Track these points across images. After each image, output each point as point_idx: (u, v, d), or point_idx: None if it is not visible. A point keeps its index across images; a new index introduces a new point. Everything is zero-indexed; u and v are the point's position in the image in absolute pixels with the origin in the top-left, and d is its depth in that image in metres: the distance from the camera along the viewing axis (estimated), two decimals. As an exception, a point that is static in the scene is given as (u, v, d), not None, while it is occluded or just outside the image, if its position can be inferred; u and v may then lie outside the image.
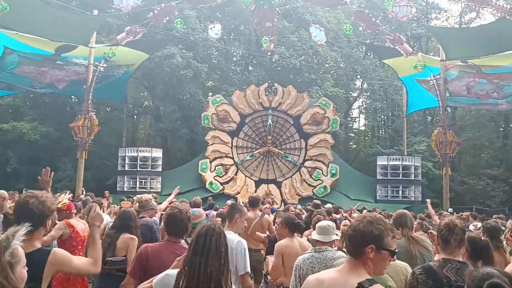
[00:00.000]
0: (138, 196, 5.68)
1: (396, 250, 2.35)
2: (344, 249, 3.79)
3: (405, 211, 4.82)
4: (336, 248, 4.50)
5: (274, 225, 6.88)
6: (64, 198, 6.45)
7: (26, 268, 1.98)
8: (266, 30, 19.49)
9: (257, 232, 6.53)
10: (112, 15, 21.93)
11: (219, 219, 7.23)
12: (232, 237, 4.16)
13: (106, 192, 15.93)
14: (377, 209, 14.75)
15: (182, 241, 3.71)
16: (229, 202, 13.17)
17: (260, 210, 7.39)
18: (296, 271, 3.95)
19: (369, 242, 2.27)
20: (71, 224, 5.68)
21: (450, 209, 16.17)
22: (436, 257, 3.31)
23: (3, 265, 1.75)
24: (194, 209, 5.27)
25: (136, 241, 5.10)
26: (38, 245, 2.75)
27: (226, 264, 2.59)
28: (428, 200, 10.40)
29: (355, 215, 11.11)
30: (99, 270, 3.19)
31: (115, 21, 23.73)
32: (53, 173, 4.42)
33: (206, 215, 8.93)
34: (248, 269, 4.11)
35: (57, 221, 5.62)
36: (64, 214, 5.77)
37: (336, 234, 4.49)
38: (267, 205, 8.80)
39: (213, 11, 29.84)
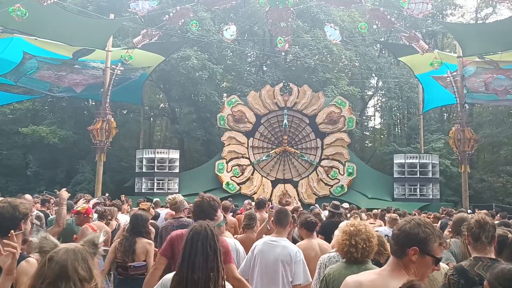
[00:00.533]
0: (170, 197, 5.61)
1: (441, 258, 2.31)
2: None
3: (465, 215, 4.77)
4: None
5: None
6: (91, 202, 6.49)
7: None
8: (280, 30, 19.52)
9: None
10: (128, 18, 22.11)
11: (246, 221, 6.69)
12: (290, 245, 4.27)
13: (123, 196, 15.57)
14: (392, 208, 14.57)
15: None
16: (246, 202, 13.26)
17: (267, 212, 7.37)
18: (321, 269, 3.97)
19: (413, 243, 2.22)
20: (94, 228, 5.64)
21: (469, 210, 15.87)
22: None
23: (97, 268, 1.87)
24: None
25: (153, 246, 5.22)
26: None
27: (216, 266, 2.55)
28: None
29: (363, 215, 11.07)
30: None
31: (131, 25, 24.00)
32: (69, 194, 4.72)
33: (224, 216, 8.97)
34: (302, 280, 4.18)
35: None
36: (82, 218, 5.81)
37: None
38: (270, 208, 8.73)
39: (227, 13, 29.92)
